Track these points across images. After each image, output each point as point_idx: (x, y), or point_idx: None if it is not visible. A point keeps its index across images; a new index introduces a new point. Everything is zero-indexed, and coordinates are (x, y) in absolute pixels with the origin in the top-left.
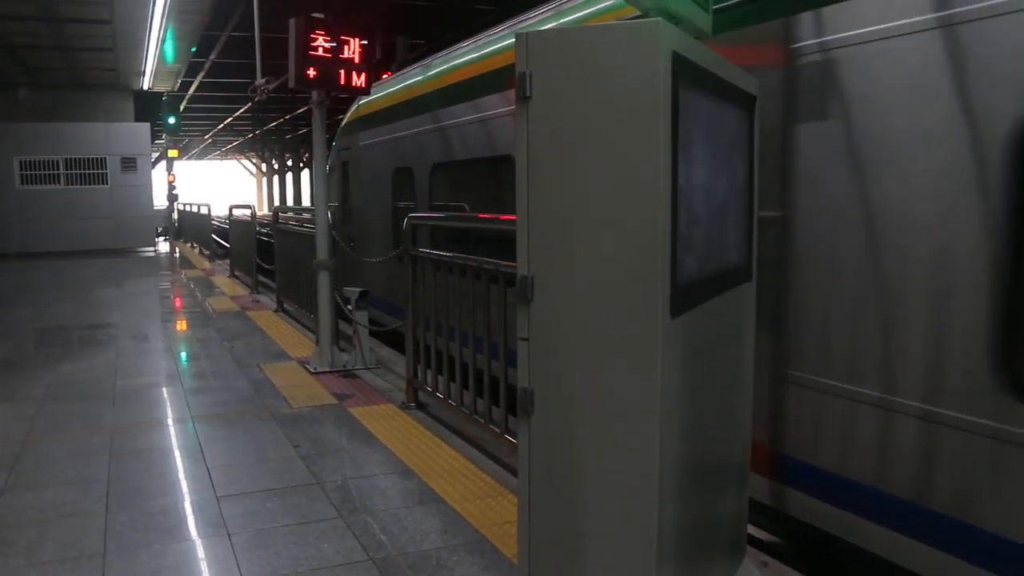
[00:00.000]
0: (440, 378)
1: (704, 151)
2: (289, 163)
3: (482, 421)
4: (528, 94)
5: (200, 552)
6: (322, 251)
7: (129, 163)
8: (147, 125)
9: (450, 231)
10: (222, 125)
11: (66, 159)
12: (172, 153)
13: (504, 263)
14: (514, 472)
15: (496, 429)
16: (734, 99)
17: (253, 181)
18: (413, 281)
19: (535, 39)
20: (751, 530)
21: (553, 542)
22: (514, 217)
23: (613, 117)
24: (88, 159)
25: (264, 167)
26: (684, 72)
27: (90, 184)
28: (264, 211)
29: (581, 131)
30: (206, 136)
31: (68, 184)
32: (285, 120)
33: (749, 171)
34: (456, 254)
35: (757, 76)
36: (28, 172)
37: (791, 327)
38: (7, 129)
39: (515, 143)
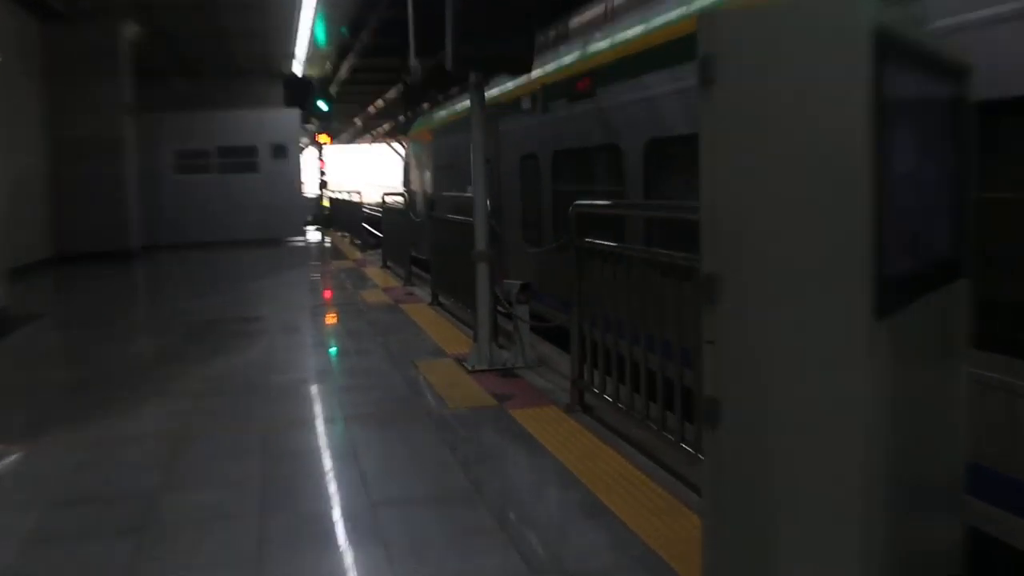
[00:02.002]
0: (608, 379)
1: (911, 132)
2: None
3: (655, 427)
4: (712, 77)
5: (354, 561)
6: (480, 241)
7: (280, 150)
8: (297, 111)
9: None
10: (373, 109)
11: (219, 148)
12: (322, 139)
13: (680, 255)
14: (691, 485)
15: (670, 437)
16: (943, 73)
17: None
18: (579, 274)
19: (721, 19)
20: None
21: (743, 568)
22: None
23: (810, 98)
24: (240, 147)
25: None
26: (888, 46)
27: (242, 172)
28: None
29: (773, 115)
30: (356, 119)
31: (220, 173)
32: (439, 102)
33: (962, 153)
34: (628, 245)
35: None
36: (182, 161)
37: None
38: (161, 119)
39: (700, 128)
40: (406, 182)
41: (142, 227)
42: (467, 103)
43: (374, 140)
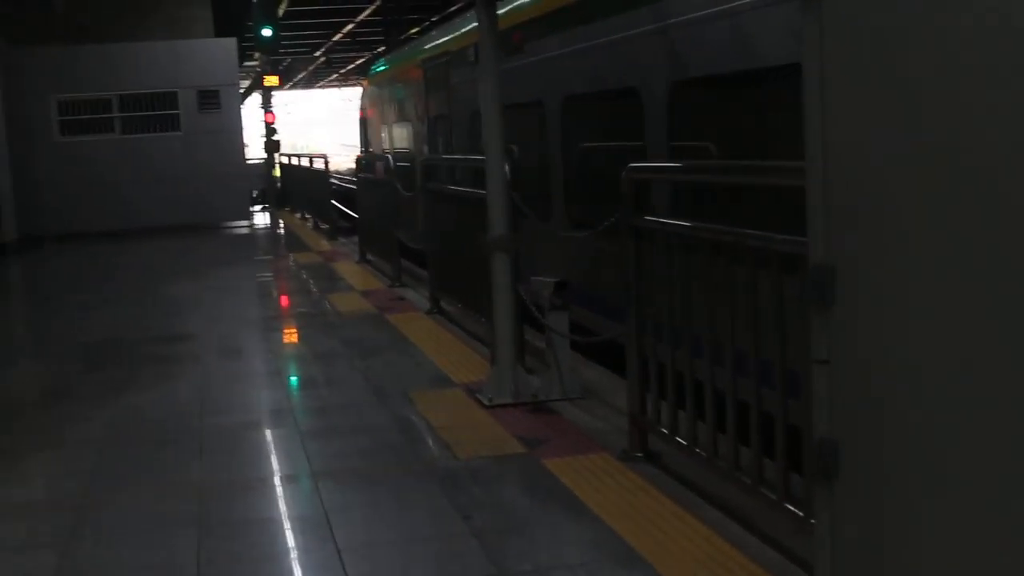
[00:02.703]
0: (681, 414)
1: None
2: None
3: (748, 481)
4: None
5: None
6: (498, 223)
7: (210, 98)
8: (232, 42)
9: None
10: (340, 36)
11: (121, 96)
12: (270, 81)
13: (781, 238)
14: (801, 562)
15: (770, 494)
16: None
17: None
18: (637, 267)
19: None
20: None
21: None
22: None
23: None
24: (152, 95)
25: None
26: None
27: (156, 131)
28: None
29: (921, 37)
30: (317, 54)
31: (125, 132)
32: (432, 23)
33: None
34: (704, 224)
35: None
36: (70, 117)
37: None
38: (39, 57)
39: (803, 61)
40: (366, 141)
41: (16, 211)
42: (464, 28)
43: (344, 82)
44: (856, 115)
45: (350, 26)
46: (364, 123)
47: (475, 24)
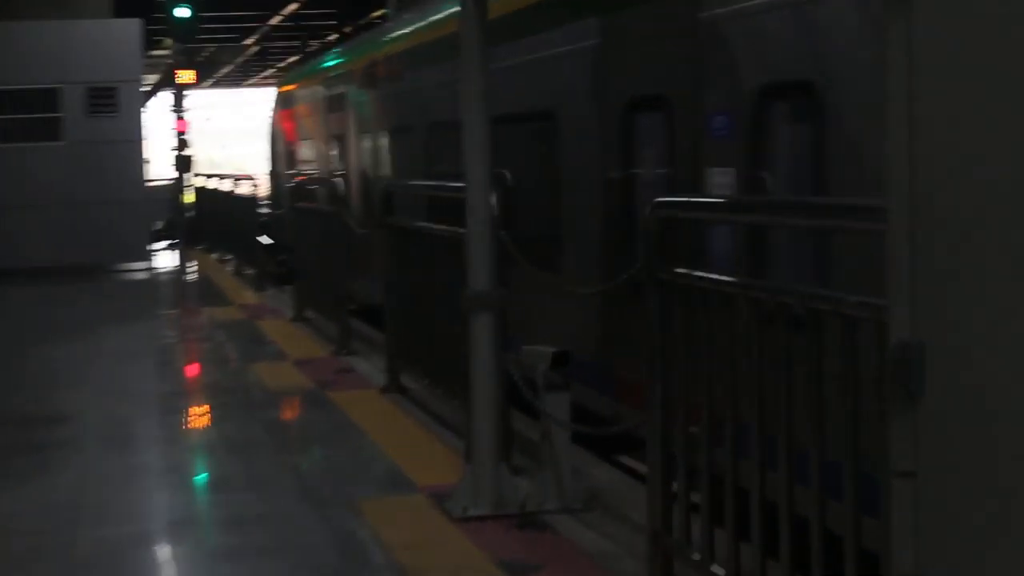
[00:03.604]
0: (718, 533)
1: None
2: None
3: None
4: None
5: None
6: (481, 273)
7: (103, 98)
8: (136, 24)
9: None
10: (279, 19)
11: None
12: (184, 76)
13: (855, 300)
14: None
15: None
16: None
17: None
18: (664, 336)
19: None
20: None
21: None
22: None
23: None
24: (27, 92)
25: None
26: None
27: (30, 140)
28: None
29: None
30: (248, 41)
31: None
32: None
33: None
34: (745, 280)
35: None
36: None
37: None
38: None
39: (886, 75)
40: (277, 160)
41: None
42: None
43: (280, 78)
44: (965, 139)
45: (292, 6)
46: (279, 136)
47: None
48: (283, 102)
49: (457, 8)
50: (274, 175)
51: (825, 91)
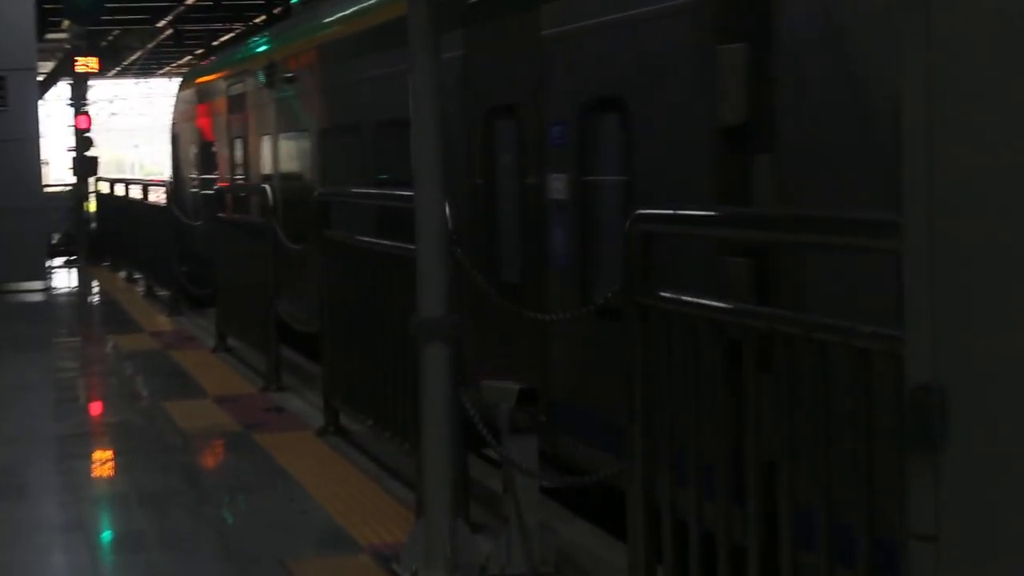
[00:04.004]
0: None
1: None
2: None
3: None
4: None
5: None
6: (432, 297)
7: None
8: (30, 3)
9: None
10: None
11: None
12: (85, 64)
13: (866, 331)
14: None
15: None
16: None
17: None
18: (647, 369)
19: None
20: None
21: None
22: None
23: None
24: None
25: None
26: None
27: None
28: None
29: None
30: (161, 24)
31: None
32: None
33: None
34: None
35: None
36: None
37: None
38: None
39: (902, 86)
40: (181, 163)
41: None
42: None
43: (196, 64)
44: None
45: None
46: (186, 136)
47: None
48: (196, 96)
49: None
50: (177, 180)
51: (633, 106)
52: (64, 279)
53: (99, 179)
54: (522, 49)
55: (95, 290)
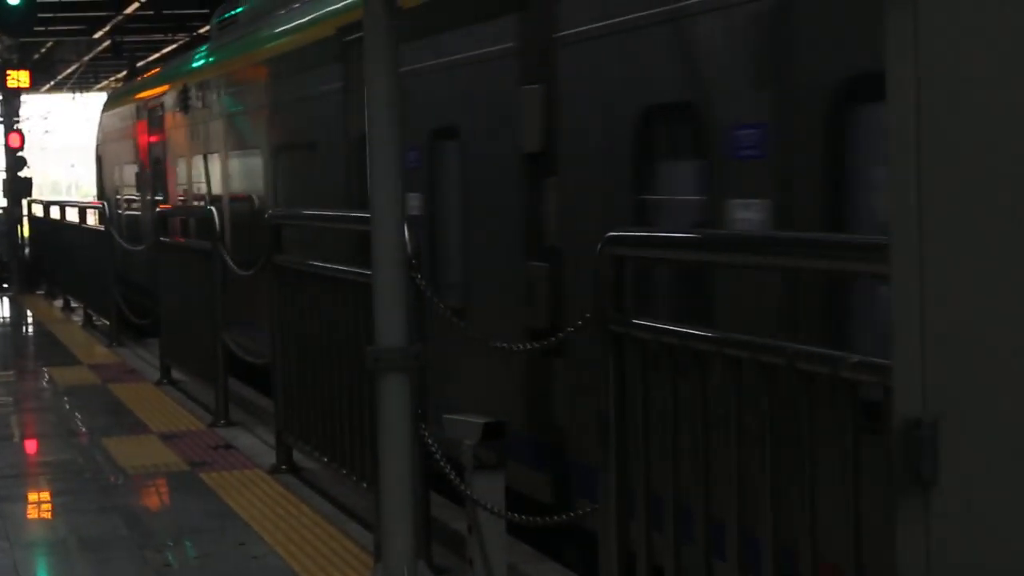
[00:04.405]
0: None
1: None
2: None
3: None
4: None
5: None
6: (391, 325)
7: None
8: None
9: None
10: (135, 6)
11: None
12: (15, 79)
13: (856, 358)
14: None
15: None
16: None
17: None
18: (620, 401)
19: None
20: None
21: None
22: None
23: None
24: None
25: None
26: None
27: None
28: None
29: None
30: (98, 35)
31: None
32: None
33: None
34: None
35: None
36: None
37: None
38: None
39: (887, 92)
40: (102, 183)
41: None
42: None
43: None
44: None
45: None
46: (120, 154)
47: None
48: (130, 114)
49: None
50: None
51: (466, 136)
52: None
53: (33, 201)
54: None
55: (29, 320)
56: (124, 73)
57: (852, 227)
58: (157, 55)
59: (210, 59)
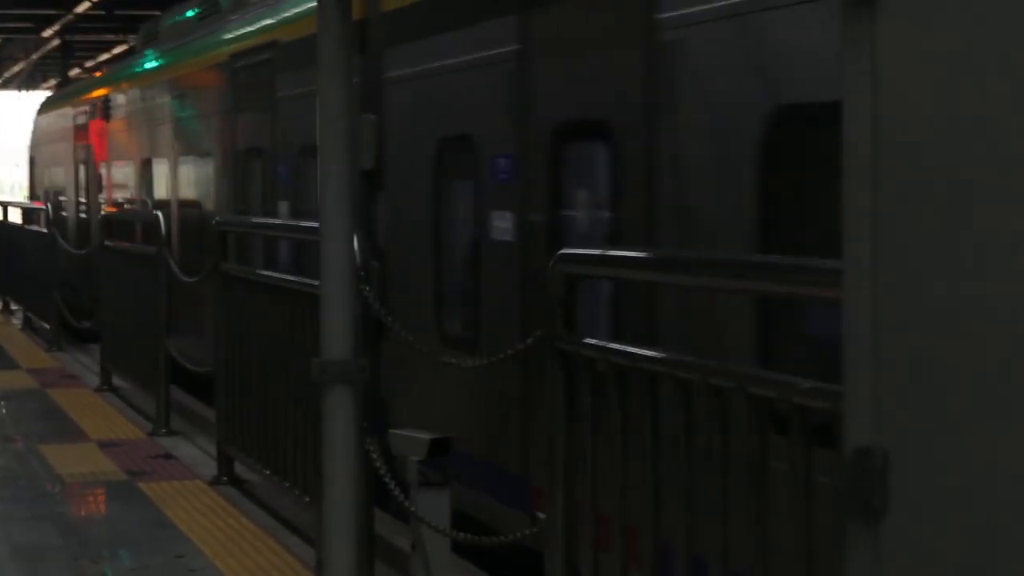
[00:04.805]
0: None
1: None
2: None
3: None
4: None
5: None
6: (337, 338)
7: None
8: None
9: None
10: (86, 6)
11: None
12: None
13: (806, 384)
14: None
15: None
16: None
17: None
18: (568, 422)
19: None
20: None
21: None
22: None
23: None
24: None
25: None
26: None
27: None
28: None
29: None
30: (46, 32)
31: None
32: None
33: None
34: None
35: None
36: None
37: None
38: None
39: (844, 106)
40: (36, 177)
41: None
42: None
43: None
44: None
45: None
46: (35, 160)
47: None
48: (80, 113)
49: None
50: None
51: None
52: None
53: None
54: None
55: None
56: (75, 71)
57: (568, 240)
58: (108, 55)
59: (136, 68)
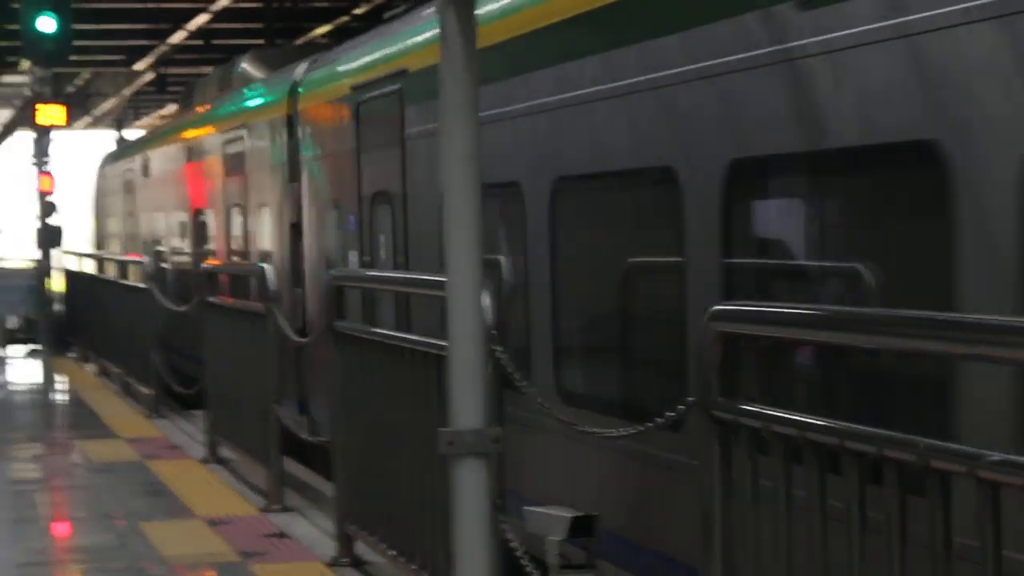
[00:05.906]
0: None
1: None
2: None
3: None
4: None
5: None
6: (467, 405)
7: None
8: None
9: None
10: (182, 36)
11: None
12: (49, 115)
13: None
14: None
15: None
16: None
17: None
18: (725, 501)
19: None
20: None
21: None
22: None
23: None
24: None
25: None
26: None
27: None
28: None
29: None
30: (139, 65)
31: None
32: (352, 21)
33: None
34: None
35: None
36: None
37: None
38: None
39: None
40: (101, 224)
41: None
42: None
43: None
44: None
45: (201, 18)
46: (102, 209)
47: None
48: (164, 156)
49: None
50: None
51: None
52: (23, 372)
53: (66, 252)
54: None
55: (60, 386)
56: (169, 107)
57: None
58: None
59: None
